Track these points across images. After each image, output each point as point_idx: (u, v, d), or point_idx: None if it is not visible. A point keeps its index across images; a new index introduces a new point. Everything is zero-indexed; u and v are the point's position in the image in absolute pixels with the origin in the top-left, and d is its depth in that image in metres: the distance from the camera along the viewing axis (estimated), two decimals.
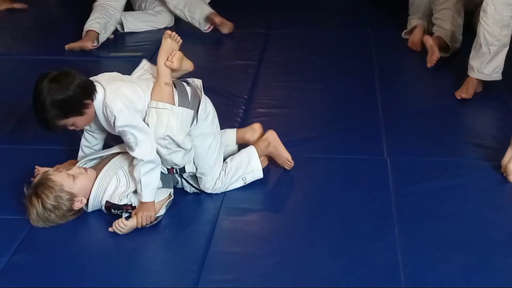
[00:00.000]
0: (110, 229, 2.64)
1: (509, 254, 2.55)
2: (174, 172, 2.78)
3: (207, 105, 2.81)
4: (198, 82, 2.83)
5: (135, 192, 2.71)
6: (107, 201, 2.70)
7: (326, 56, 4.30)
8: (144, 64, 2.94)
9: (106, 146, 2.94)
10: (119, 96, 2.63)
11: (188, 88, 2.76)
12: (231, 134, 3.05)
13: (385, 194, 2.89)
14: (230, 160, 2.91)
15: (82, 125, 2.73)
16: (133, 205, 2.69)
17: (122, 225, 2.62)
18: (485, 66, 3.60)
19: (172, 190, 2.79)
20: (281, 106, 3.69)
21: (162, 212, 2.71)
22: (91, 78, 2.70)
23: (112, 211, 2.70)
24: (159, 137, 2.64)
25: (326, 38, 4.57)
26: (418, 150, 3.23)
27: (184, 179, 2.83)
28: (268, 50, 4.37)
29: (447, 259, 2.52)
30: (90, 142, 2.90)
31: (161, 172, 2.74)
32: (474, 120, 3.61)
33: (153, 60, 4.20)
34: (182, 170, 2.79)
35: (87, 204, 2.74)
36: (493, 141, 3.29)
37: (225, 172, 2.87)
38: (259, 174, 2.94)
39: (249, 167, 2.91)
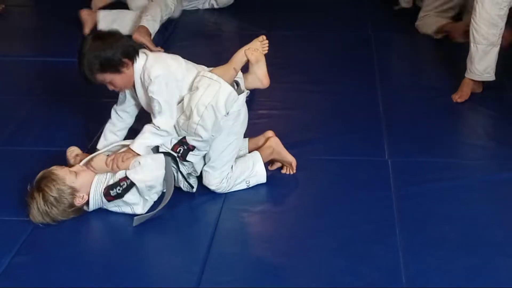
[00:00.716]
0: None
1: (511, 254, 2.55)
2: (177, 151, 2.77)
3: (244, 106, 2.86)
4: (242, 83, 2.88)
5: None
6: (104, 188, 2.70)
7: (327, 57, 4.30)
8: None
9: None
10: (160, 62, 2.76)
11: (235, 86, 2.81)
12: (244, 141, 3.05)
13: (387, 195, 2.88)
14: (235, 163, 2.91)
15: (120, 85, 2.79)
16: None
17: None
18: (475, 66, 3.60)
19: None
20: (282, 107, 3.69)
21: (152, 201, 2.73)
22: None
23: (111, 193, 2.69)
24: (202, 104, 2.66)
25: (327, 39, 4.57)
26: (419, 151, 3.22)
27: (180, 172, 2.83)
28: (269, 51, 4.35)
29: (448, 260, 2.51)
30: (116, 126, 2.95)
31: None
32: (475, 120, 3.60)
33: None
34: (184, 154, 2.78)
35: (88, 203, 2.73)
36: (494, 141, 3.29)
37: (230, 176, 2.88)
38: (263, 179, 2.95)
39: (253, 171, 2.92)
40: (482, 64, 3.58)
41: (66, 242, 2.63)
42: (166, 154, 2.77)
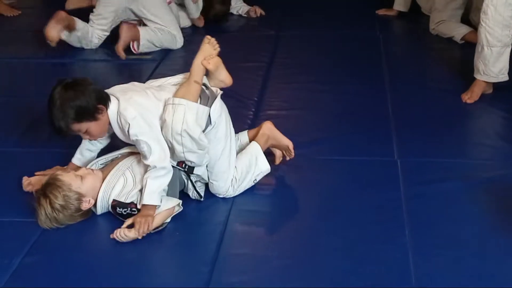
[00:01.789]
0: (111, 236, 2.62)
1: None
2: (183, 166, 2.77)
3: (222, 106, 2.83)
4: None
5: (141, 190, 2.70)
6: (113, 200, 2.70)
7: (336, 58, 4.30)
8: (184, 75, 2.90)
9: (113, 148, 2.95)
10: (132, 105, 2.68)
11: (207, 91, 2.79)
12: (244, 137, 3.06)
13: (396, 196, 2.88)
14: (238, 164, 2.90)
15: (96, 133, 2.74)
16: (138, 206, 2.68)
17: (123, 235, 2.60)
18: (490, 68, 3.59)
19: (181, 202, 2.77)
20: (291, 107, 3.69)
21: (167, 219, 2.71)
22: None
23: (117, 210, 2.70)
24: (176, 133, 2.64)
25: (336, 40, 4.58)
26: (428, 151, 3.22)
27: (190, 180, 2.83)
28: (278, 52, 4.38)
29: (458, 260, 2.51)
30: (94, 145, 2.93)
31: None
32: (485, 121, 3.60)
33: (161, 63, 4.25)
34: (190, 169, 2.79)
35: (95, 206, 2.75)
36: (504, 141, 3.28)
37: (236, 179, 2.88)
38: (267, 171, 2.95)
39: (257, 168, 2.92)
40: (497, 66, 3.59)
41: (75, 243, 2.64)
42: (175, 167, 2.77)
